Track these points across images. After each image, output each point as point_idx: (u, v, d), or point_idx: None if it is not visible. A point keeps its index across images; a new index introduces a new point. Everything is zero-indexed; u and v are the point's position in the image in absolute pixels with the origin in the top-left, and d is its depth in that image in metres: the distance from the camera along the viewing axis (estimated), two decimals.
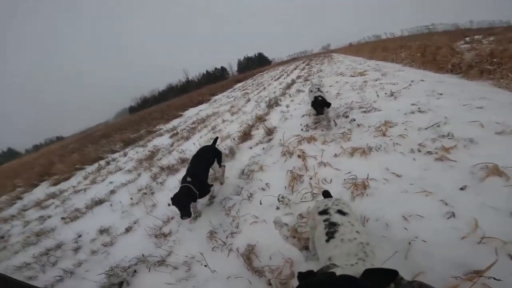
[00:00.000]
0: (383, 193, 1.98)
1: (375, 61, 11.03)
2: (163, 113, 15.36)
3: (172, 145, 6.28)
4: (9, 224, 4.61)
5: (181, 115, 12.52)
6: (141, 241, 2.56)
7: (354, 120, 3.48)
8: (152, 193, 3.51)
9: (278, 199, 2.34)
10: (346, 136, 3.08)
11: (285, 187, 2.55)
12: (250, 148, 3.98)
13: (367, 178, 2.19)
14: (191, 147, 4.98)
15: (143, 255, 2.27)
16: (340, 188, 2.24)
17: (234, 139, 4.49)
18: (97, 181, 5.46)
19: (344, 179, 2.32)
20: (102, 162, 7.07)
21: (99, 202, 4.04)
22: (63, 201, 4.89)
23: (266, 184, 2.69)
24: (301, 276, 0.97)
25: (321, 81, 3.71)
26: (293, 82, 9.19)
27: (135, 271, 2.14)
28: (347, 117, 3.70)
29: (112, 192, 4.30)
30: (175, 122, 10.66)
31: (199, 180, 2.48)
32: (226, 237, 2.16)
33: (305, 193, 2.32)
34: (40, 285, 2.46)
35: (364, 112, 3.73)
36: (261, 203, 2.41)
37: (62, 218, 3.90)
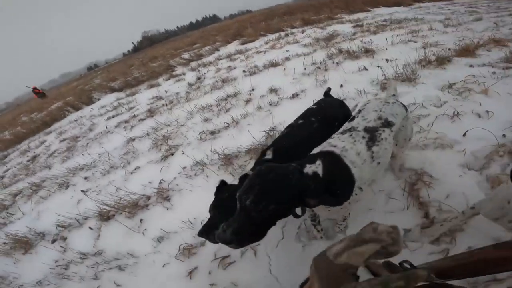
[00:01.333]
0: None
1: None
2: (348, 4, 13.40)
3: (354, 34, 5.53)
4: (207, 69, 5.89)
5: (368, 11, 10.52)
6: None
7: None
8: (326, 70, 3.39)
9: (504, 136, 1.63)
10: None
11: None
12: (470, 66, 2.84)
13: None
14: (381, 42, 4.16)
15: None
16: None
17: (448, 49, 3.30)
18: (275, 47, 5.90)
19: None
20: (282, 34, 7.43)
21: (275, 64, 4.38)
22: (247, 57, 5.69)
23: (487, 112, 1.90)
24: None
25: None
26: None
27: None
28: None
29: (287, 59, 4.54)
30: (360, 15, 9.18)
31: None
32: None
33: None
34: (210, 128, 2.84)
35: None
36: (464, 135, 1.77)
37: (243, 71, 4.56)
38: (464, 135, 1.76)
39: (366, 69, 3.12)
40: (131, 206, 2.09)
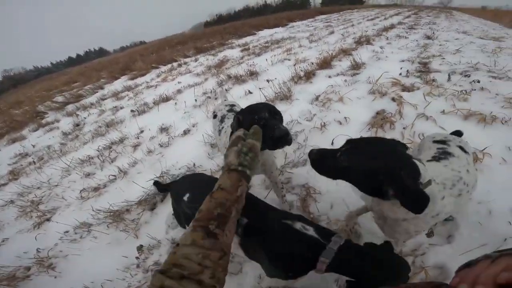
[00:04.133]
0: (497, 176, 1.54)
1: None
2: (237, 29, 14.64)
3: (242, 58, 5.96)
4: (87, 112, 5.12)
5: (254, 34, 11.71)
6: (195, 147, 2.47)
7: (478, 82, 2.57)
8: (216, 98, 3.41)
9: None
10: (462, 96, 2.32)
11: (369, 128, 2.09)
12: (329, 77, 3.40)
13: (483, 151, 1.66)
14: (262, 63, 4.56)
15: (194, 164, 2.22)
16: None
17: (312, 63, 3.88)
18: (167, 79, 5.70)
19: None
20: (175, 64, 7.32)
21: (166, 99, 4.18)
22: (136, 94, 5.25)
23: (345, 118, 2.24)
24: None
25: None
26: (392, 26, 7.46)
27: None
28: (467, 76, 2.78)
29: (179, 91, 4.40)
30: (247, 39, 10.09)
31: None
32: (282, 167, 1.91)
33: None
34: (93, 184, 2.49)
35: (493, 77, 2.74)
36: (332, 143, 2.00)
37: (132, 111, 4.13)
38: (332, 143, 1.98)
39: (251, 93, 3.30)
40: (9, 279, 1.78)
